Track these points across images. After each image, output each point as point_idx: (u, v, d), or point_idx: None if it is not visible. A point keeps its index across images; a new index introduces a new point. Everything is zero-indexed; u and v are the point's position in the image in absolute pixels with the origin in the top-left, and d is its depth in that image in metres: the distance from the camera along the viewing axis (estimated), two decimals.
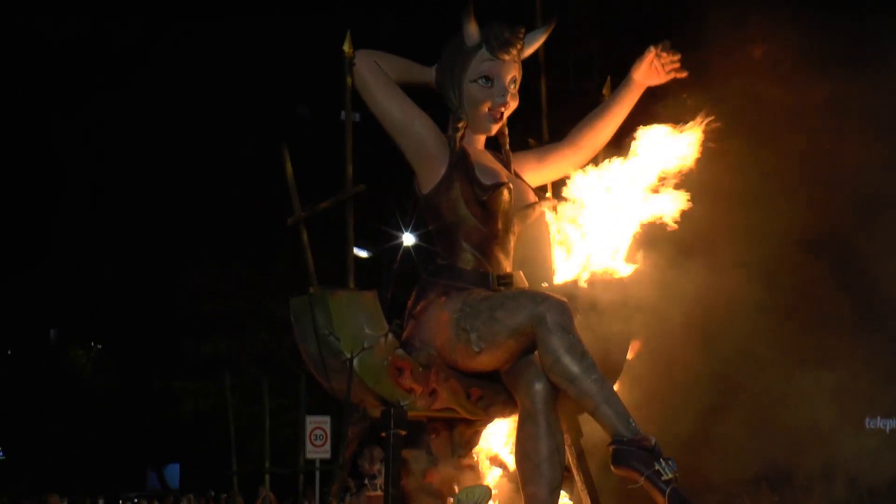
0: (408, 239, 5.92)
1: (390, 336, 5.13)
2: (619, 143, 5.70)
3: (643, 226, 5.51)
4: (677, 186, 5.49)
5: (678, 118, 5.62)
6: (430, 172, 5.37)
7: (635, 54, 5.72)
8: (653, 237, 5.58)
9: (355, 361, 4.99)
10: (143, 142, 23.92)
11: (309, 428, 17.84)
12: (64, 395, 28.19)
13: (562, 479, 5.04)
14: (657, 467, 4.58)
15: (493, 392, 5.28)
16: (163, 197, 23.69)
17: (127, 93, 24.08)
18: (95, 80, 24.60)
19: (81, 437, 28.18)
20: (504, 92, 5.42)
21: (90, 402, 28.04)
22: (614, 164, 5.61)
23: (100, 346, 29.58)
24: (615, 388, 5.07)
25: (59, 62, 24.53)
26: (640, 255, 5.50)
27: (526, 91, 5.60)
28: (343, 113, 5.36)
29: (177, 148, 23.23)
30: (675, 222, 5.45)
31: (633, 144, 5.58)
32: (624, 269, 5.50)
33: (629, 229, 5.57)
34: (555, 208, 5.68)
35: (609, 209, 5.59)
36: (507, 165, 5.59)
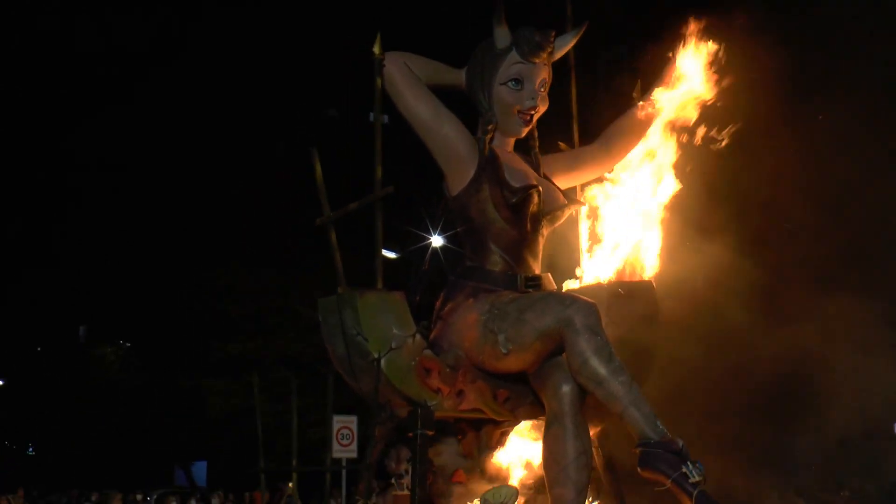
0: (436, 240, 5.94)
1: (418, 337, 5.15)
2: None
3: (668, 227, 5.54)
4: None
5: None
6: (460, 174, 5.39)
7: (665, 56, 5.73)
8: (680, 238, 5.60)
9: (383, 361, 5.01)
10: (172, 143, 24.00)
11: (336, 427, 17.84)
12: (92, 393, 28.32)
13: (588, 481, 5.05)
14: (684, 470, 4.58)
15: (521, 393, 5.30)
16: (191, 198, 23.74)
17: (159, 92, 24.16)
18: (129, 77, 24.71)
19: (109, 435, 28.31)
20: (534, 95, 5.43)
21: (118, 400, 28.17)
22: (641, 167, 5.66)
23: (128, 345, 29.69)
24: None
25: (86, 60, 24.64)
26: (667, 256, 5.53)
27: (556, 94, 5.61)
28: (372, 115, 5.38)
29: (206, 149, 23.28)
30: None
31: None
32: (652, 272, 5.53)
33: (656, 233, 5.60)
34: (584, 210, 5.72)
35: (636, 212, 5.62)
36: (536, 168, 5.60)
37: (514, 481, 5.57)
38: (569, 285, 5.71)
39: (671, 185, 5.67)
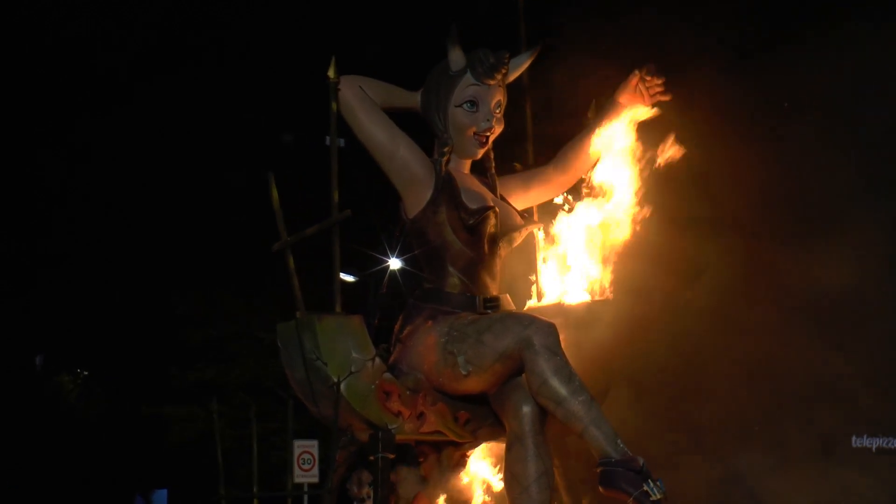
0: (394, 263, 5.94)
1: (377, 360, 5.15)
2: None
3: (626, 243, 5.57)
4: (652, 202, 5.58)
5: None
6: (416, 197, 5.40)
7: (620, 77, 5.76)
8: (636, 254, 5.63)
9: (343, 386, 5.00)
10: (127, 170, 23.89)
11: (297, 452, 17.79)
12: (50, 422, 28.09)
13: (550, 501, 5.05)
14: (645, 488, 4.59)
15: (481, 415, 5.30)
16: (148, 224, 23.65)
17: (112, 120, 24.06)
18: (81, 107, 24.59)
19: (68, 464, 28.07)
20: (489, 116, 5.45)
21: (77, 429, 27.96)
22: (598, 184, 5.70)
23: (86, 373, 29.49)
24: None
25: (43, 90, 24.53)
26: (624, 274, 5.56)
27: (511, 115, 5.64)
28: (328, 138, 5.38)
29: (162, 176, 23.21)
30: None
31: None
32: (609, 289, 5.55)
33: (613, 248, 5.62)
34: (541, 230, 5.75)
35: (592, 230, 5.65)
36: (492, 189, 5.62)
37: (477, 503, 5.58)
38: (528, 306, 5.73)
39: (630, 201, 5.69)
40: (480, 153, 5.58)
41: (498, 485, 5.58)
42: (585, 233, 5.64)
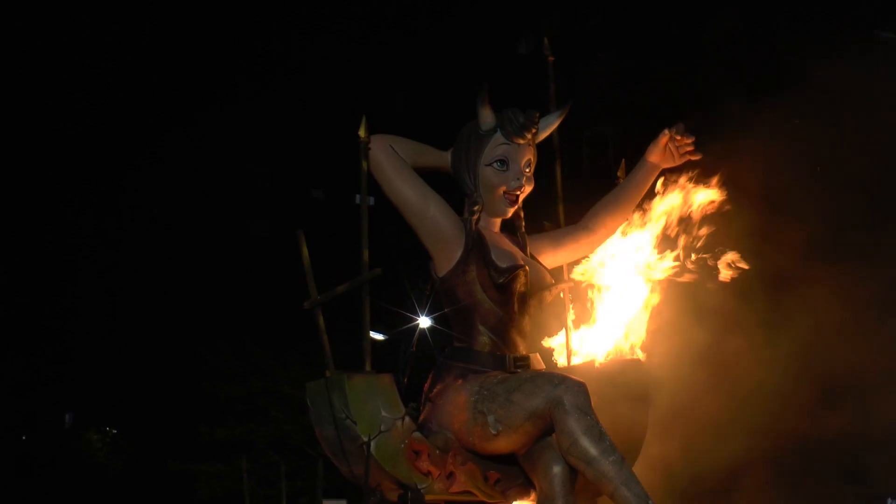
0: (424, 322, 5.93)
1: (407, 419, 5.13)
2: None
3: (657, 306, 5.56)
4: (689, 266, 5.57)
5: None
6: (446, 255, 5.40)
7: (649, 136, 5.76)
8: (668, 317, 5.61)
9: (372, 445, 4.99)
10: (157, 225, 24.04)
11: None
12: (80, 480, 28.09)
13: None
14: None
15: (511, 475, 5.27)
16: (177, 280, 23.74)
17: (142, 175, 24.24)
18: (110, 161, 24.79)
19: None
20: (519, 175, 5.45)
21: (105, 486, 27.93)
22: (627, 245, 5.69)
23: (115, 431, 29.50)
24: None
25: (74, 141, 24.74)
26: (656, 335, 5.55)
27: (541, 174, 5.64)
28: (358, 196, 5.40)
29: (191, 231, 23.34)
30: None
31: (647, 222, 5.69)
32: (641, 350, 5.53)
33: (645, 310, 5.61)
34: (571, 290, 5.74)
35: (625, 290, 5.64)
36: (522, 248, 5.61)
37: None
38: (559, 365, 5.71)
39: (662, 263, 5.68)
40: (510, 212, 5.58)
41: None
42: (616, 292, 5.63)
